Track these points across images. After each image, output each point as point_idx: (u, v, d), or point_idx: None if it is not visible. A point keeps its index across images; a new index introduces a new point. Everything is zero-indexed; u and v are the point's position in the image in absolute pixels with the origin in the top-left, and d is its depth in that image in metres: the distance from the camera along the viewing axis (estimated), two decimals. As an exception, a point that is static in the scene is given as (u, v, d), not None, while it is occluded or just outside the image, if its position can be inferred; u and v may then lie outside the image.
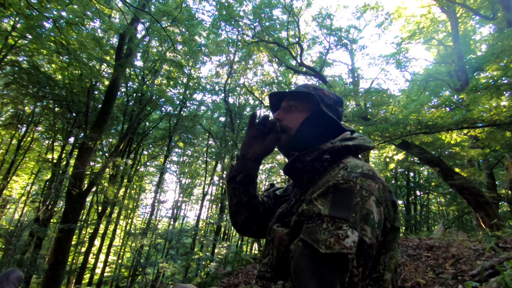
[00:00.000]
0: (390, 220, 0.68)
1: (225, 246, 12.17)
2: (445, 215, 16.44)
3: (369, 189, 0.64)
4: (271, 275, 0.76)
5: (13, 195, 14.50)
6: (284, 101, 0.95)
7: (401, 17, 11.59)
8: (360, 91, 9.36)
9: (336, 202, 0.63)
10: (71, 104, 9.36)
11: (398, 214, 0.72)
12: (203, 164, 16.85)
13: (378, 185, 0.66)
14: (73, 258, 12.95)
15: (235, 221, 1.00)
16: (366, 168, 0.69)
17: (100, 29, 8.76)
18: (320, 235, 0.59)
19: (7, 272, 0.92)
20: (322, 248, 0.57)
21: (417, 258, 3.05)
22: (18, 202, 14.01)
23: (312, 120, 0.88)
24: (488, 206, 5.59)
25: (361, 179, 0.66)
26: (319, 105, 0.87)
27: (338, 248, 0.56)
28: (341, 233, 0.58)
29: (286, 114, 0.91)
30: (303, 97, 0.91)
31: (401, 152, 10.63)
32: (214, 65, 14.48)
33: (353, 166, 0.70)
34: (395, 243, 0.69)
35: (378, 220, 0.63)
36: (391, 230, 0.68)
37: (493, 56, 5.09)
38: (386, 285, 0.65)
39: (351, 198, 0.63)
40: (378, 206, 0.64)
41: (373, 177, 0.67)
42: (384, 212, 0.66)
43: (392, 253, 0.68)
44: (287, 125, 0.88)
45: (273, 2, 9.44)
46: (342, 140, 0.83)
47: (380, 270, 0.65)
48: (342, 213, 0.61)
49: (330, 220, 0.61)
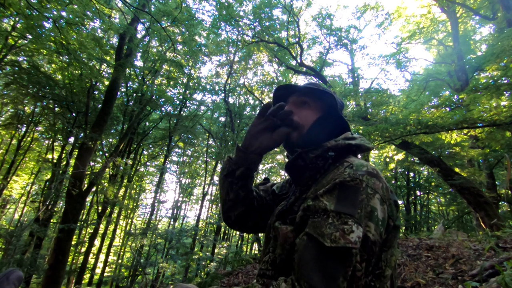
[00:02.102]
0: (393, 219, 0.69)
1: (225, 246, 12.17)
2: (445, 215, 16.44)
3: (374, 187, 0.66)
4: (271, 273, 0.76)
5: (13, 195, 14.50)
6: (293, 95, 0.90)
7: (401, 17, 11.60)
8: (360, 91, 9.36)
9: (342, 199, 0.64)
10: (71, 104, 9.36)
11: (399, 213, 0.73)
12: (203, 164, 16.85)
13: (382, 184, 0.68)
14: (73, 258, 12.95)
15: (227, 216, 0.96)
16: (370, 167, 0.71)
17: (100, 29, 8.76)
18: (326, 229, 0.60)
19: (7, 272, 0.92)
20: (327, 242, 0.58)
21: (417, 258, 3.05)
22: (18, 202, 14.01)
23: (325, 121, 0.87)
24: (488, 206, 5.59)
25: (367, 177, 0.67)
26: (334, 107, 0.87)
27: (343, 242, 0.57)
28: (346, 228, 0.59)
29: (298, 109, 0.87)
30: (317, 95, 0.88)
31: (401, 152, 10.63)
32: (214, 65, 14.50)
33: (358, 165, 0.71)
34: (395, 241, 0.71)
35: (382, 217, 0.64)
36: (392, 228, 0.69)
37: (493, 56, 5.09)
38: (386, 280, 0.67)
39: (357, 195, 0.64)
40: (382, 204, 0.65)
41: (377, 176, 0.69)
42: (388, 211, 0.67)
43: (392, 251, 0.70)
44: (299, 122, 0.85)
45: (273, 2, 9.44)
46: (345, 139, 0.83)
47: (382, 266, 0.67)
48: (348, 209, 0.62)
49: (336, 215, 0.61)
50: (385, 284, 0.67)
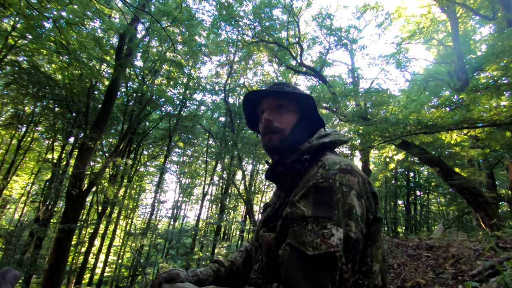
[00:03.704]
0: (372, 212, 0.68)
1: (225, 246, 12.18)
2: (445, 215, 16.44)
3: (348, 184, 0.65)
4: (262, 281, 0.75)
5: (13, 195, 14.50)
6: (268, 99, 0.88)
7: (401, 17, 11.60)
8: (360, 91, 9.37)
9: (318, 202, 0.63)
10: (71, 104, 9.36)
11: (379, 205, 0.72)
12: (203, 164, 16.85)
13: (357, 178, 0.67)
14: (73, 258, 12.94)
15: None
16: (343, 164, 0.70)
17: (100, 29, 8.76)
18: (306, 237, 0.59)
19: (3, 271, 0.92)
20: (309, 250, 0.58)
21: (417, 258, 3.04)
22: (18, 202, 14.01)
23: (303, 122, 0.87)
24: (488, 206, 5.59)
25: (340, 175, 0.66)
26: (314, 108, 0.87)
27: (325, 248, 0.57)
28: (326, 232, 0.58)
29: (276, 114, 0.86)
30: (292, 97, 0.87)
31: (401, 152, 10.63)
32: (214, 65, 14.49)
33: (330, 164, 0.70)
34: (379, 233, 0.70)
35: (360, 213, 0.63)
36: (374, 221, 0.68)
37: (493, 56, 5.09)
38: (375, 276, 0.66)
39: (332, 195, 0.63)
40: (359, 200, 0.65)
41: (351, 171, 0.68)
42: (366, 205, 0.66)
43: (378, 244, 0.69)
44: (279, 126, 0.84)
45: (273, 2, 9.44)
46: (319, 138, 0.84)
47: (368, 262, 0.66)
48: (325, 212, 0.61)
49: (314, 220, 0.61)
50: (375, 280, 0.66)
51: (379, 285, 0.67)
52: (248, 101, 0.95)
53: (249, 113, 0.98)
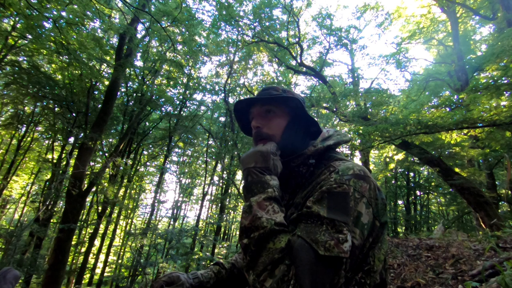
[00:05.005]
0: (379, 219, 0.69)
1: (225, 246, 12.19)
2: (445, 215, 16.44)
3: (361, 190, 0.66)
4: None
5: (13, 195, 14.51)
6: (256, 106, 0.88)
7: (401, 17, 11.60)
8: (360, 91, 9.37)
9: (332, 207, 0.63)
10: (71, 104, 9.36)
11: (386, 210, 0.73)
12: (203, 164, 16.85)
13: (369, 185, 0.68)
14: (73, 258, 12.95)
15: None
16: (357, 169, 0.70)
17: (100, 29, 8.76)
18: (320, 236, 0.60)
19: (3, 271, 0.92)
20: (321, 249, 0.58)
21: (417, 258, 3.04)
22: (18, 202, 14.01)
23: (294, 125, 0.87)
24: (488, 206, 5.59)
25: (354, 180, 0.67)
26: (302, 109, 0.86)
27: (336, 252, 0.57)
28: (341, 237, 0.59)
29: (265, 120, 0.86)
30: (280, 101, 0.87)
31: (401, 152, 10.63)
32: (214, 65, 14.49)
33: (344, 169, 0.70)
34: (383, 236, 0.71)
35: (367, 221, 0.64)
36: (379, 227, 0.69)
37: (493, 56, 5.10)
38: (376, 275, 0.67)
39: (347, 201, 0.64)
40: (367, 208, 0.65)
41: (364, 177, 0.69)
42: (374, 212, 0.67)
43: (380, 245, 0.70)
44: (268, 133, 0.84)
45: (273, 2, 9.44)
46: (323, 141, 0.85)
47: (371, 262, 0.66)
48: (342, 217, 0.62)
49: (330, 222, 0.61)
50: (376, 279, 0.67)
51: (380, 284, 0.68)
52: (239, 110, 0.96)
53: (242, 120, 0.99)
